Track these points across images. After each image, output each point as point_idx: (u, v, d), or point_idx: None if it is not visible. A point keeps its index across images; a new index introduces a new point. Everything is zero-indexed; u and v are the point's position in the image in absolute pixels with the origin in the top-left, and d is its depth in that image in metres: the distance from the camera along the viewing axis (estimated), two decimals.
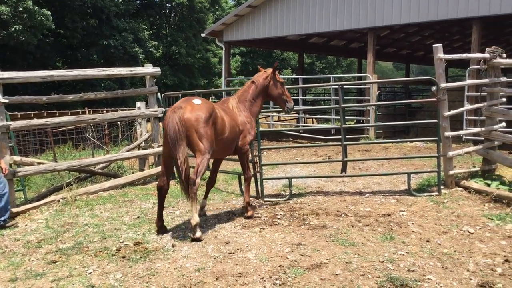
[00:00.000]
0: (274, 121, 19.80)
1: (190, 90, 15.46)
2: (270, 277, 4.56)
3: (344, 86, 10.86)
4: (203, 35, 20.93)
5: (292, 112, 21.23)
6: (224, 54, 20.21)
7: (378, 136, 15.47)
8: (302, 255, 5.15)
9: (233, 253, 5.31)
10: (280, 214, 6.95)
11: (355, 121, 21.37)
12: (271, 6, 17.92)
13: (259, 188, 8.08)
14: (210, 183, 7.26)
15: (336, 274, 4.62)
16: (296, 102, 18.36)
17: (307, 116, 21.34)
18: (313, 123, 23.03)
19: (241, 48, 44.75)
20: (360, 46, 25.14)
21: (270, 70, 7.21)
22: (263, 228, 6.24)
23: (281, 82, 7.25)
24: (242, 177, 7.41)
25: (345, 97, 8.06)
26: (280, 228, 6.25)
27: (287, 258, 5.09)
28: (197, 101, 6.11)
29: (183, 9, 41.05)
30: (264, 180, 8.31)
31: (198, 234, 5.75)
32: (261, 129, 16.43)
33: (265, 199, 7.91)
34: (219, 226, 6.46)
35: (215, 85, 41.86)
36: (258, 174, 8.11)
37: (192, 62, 39.52)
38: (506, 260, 5.01)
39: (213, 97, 20.64)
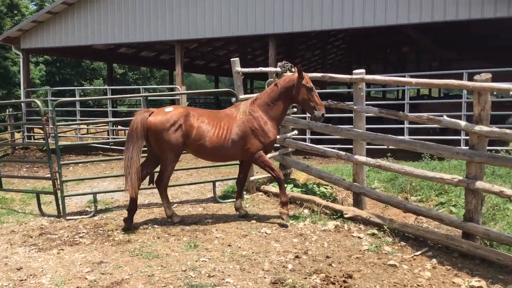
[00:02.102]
0: (83, 134, 18.81)
1: None
2: None
3: (157, 98, 10.96)
4: None
5: (110, 125, 20.44)
6: (22, 63, 18.54)
7: None
8: (102, 274, 4.95)
9: (25, 279, 4.86)
10: (83, 232, 6.59)
11: None
12: (73, 14, 17.02)
13: (60, 206, 7.55)
14: (240, 184, 7.34)
15: None
16: (105, 114, 17.76)
17: (119, 128, 20.77)
18: (125, 135, 22.44)
19: (46, 57, 41.59)
20: (170, 58, 25.39)
21: (296, 73, 6.81)
22: (62, 249, 5.84)
23: (307, 87, 6.77)
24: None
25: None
26: (82, 247, 5.92)
27: (86, 278, 4.83)
28: (168, 108, 6.67)
29: None
30: (68, 197, 7.81)
31: None
32: (67, 142, 15.50)
33: (67, 218, 7.42)
34: (11, 251, 5.86)
35: (16, 96, 38.07)
36: (58, 192, 7.58)
37: None
38: (297, 257, 5.49)
39: (11, 109, 18.74)
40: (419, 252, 5.80)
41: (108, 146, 16.10)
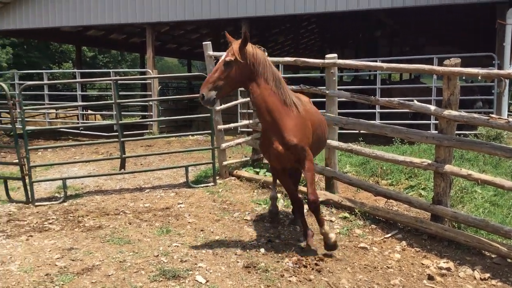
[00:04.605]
0: (51, 119, 18.40)
1: None
2: None
3: (128, 82, 10.74)
4: None
5: (73, 109, 20.03)
6: None
7: (161, 131, 15.60)
8: (73, 260, 4.87)
9: None
10: (53, 218, 6.47)
11: (140, 116, 21.19)
12: None
13: (28, 192, 7.39)
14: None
15: (109, 275, 4.49)
16: (75, 98, 17.41)
17: (90, 112, 20.39)
18: (96, 120, 22.08)
19: (13, 39, 40.40)
20: (141, 41, 24.87)
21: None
22: (31, 236, 5.73)
23: None
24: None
25: (129, 93, 7.92)
26: (51, 233, 5.82)
27: (56, 265, 4.75)
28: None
29: None
30: (36, 183, 7.66)
31: None
32: (35, 127, 15.14)
33: (36, 204, 7.27)
34: None
35: None
36: (27, 177, 7.41)
37: None
38: (269, 241, 5.53)
39: None
40: (389, 235, 5.91)
41: (78, 131, 15.80)
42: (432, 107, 5.78)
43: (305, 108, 5.38)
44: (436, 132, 5.84)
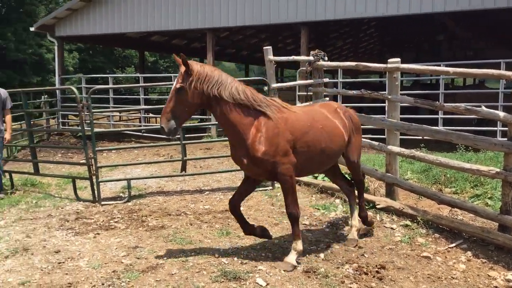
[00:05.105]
0: (116, 121, 19.12)
1: (21, 88, 13.97)
2: (103, 284, 4.39)
3: None
4: (32, 29, 19.29)
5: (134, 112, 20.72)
6: (57, 50, 18.93)
7: (219, 135, 15.83)
8: (138, 258, 5.05)
9: (63, 262, 5.00)
10: (118, 217, 6.73)
11: (199, 120, 21.61)
12: (107, 2, 17.25)
13: (95, 191, 7.73)
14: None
15: (172, 274, 4.62)
16: (137, 102, 18.01)
17: (151, 115, 21.02)
18: (157, 122, 22.73)
19: (79, 44, 42.31)
20: (201, 46, 25.44)
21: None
22: (98, 233, 5.99)
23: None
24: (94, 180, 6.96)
25: None
26: (117, 232, 6.05)
27: (122, 262, 4.94)
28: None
29: (11, 0, 37.41)
30: (102, 183, 8.00)
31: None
32: (100, 129, 15.78)
33: (102, 203, 7.59)
34: (49, 234, 6.02)
35: (50, 83, 38.81)
36: (94, 177, 7.75)
37: (23, 58, 36.20)
38: (328, 246, 5.49)
39: (46, 96, 19.14)
40: (453, 245, 5.72)
41: (140, 133, 16.33)
42: (502, 114, 5.55)
43: (284, 116, 4.91)
44: (505, 139, 5.60)
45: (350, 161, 5.71)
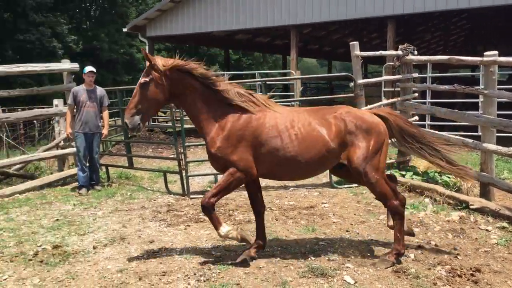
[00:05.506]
0: None
1: (113, 87, 14.79)
2: (195, 274, 4.56)
3: (269, 82, 11.15)
4: (124, 29, 20.39)
5: None
6: (148, 50, 19.82)
7: None
8: (227, 251, 5.20)
9: (157, 252, 5.25)
10: None
11: None
12: (195, 2, 17.79)
13: (185, 185, 8.03)
14: None
15: (260, 267, 4.70)
16: None
17: None
18: None
19: (167, 44, 44.04)
20: (284, 43, 25.55)
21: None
22: (189, 225, 6.23)
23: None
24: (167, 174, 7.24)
25: (271, 93, 8.15)
26: (206, 224, 6.25)
27: (212, 254, 5.11)
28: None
29: (104, 2, 39.70)
30: (190, 177, 8.29)
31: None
32: (189, 126, 16.31)
33: (191, 196, 7.88)
34: (143, 225, 6.35)
35: None
36: (183, 171, 8.07)
37: (115, 58, 38.33)
38: (419, 246, 5.32)
39: None
40: None
41: None
42: None
43: (256, 116, 4.70)
44: None
45: (355, 171, 4.75)
